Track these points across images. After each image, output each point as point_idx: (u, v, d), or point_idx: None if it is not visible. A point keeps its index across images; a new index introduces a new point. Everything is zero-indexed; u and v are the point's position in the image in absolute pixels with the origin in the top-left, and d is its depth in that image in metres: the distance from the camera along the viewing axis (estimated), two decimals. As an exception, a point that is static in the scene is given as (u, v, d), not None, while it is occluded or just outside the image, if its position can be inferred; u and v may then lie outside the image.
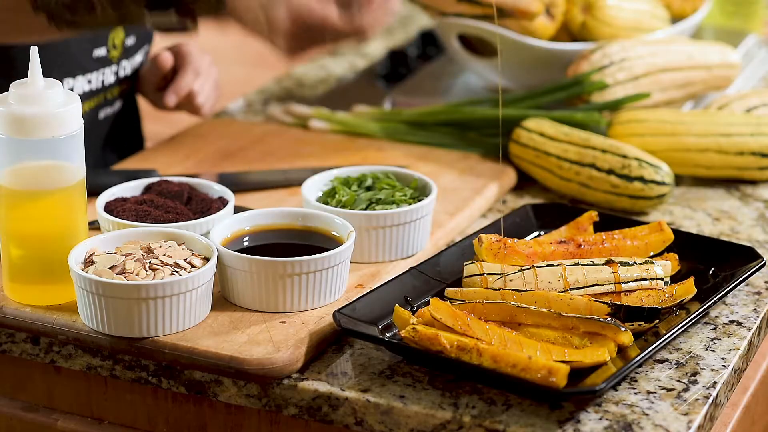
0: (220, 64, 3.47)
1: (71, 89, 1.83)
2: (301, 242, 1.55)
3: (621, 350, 1.41)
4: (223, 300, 1.50)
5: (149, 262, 1.44)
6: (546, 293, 1.45)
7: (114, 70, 1.90)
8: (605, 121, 1.90)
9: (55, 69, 1.81)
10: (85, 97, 1.87)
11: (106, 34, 1.85)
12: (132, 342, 1.43)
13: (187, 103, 1.95)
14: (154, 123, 2.09)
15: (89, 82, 1.86)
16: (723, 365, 1.43)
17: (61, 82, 1.77)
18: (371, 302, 1.47)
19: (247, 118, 2.12)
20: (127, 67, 1.93)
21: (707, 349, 1.46)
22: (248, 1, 1.54)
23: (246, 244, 1.54)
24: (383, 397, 1.37)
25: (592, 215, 1.65)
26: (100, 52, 1.86)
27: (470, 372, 1.38)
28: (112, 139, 1.99)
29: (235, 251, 1.47)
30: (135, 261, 1.43)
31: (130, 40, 1.91)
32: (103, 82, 1.89)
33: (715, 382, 1.40)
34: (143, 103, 2.07)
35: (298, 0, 1.54)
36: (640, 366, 1.42)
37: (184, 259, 1.45)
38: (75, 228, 1.49)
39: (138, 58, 1.95)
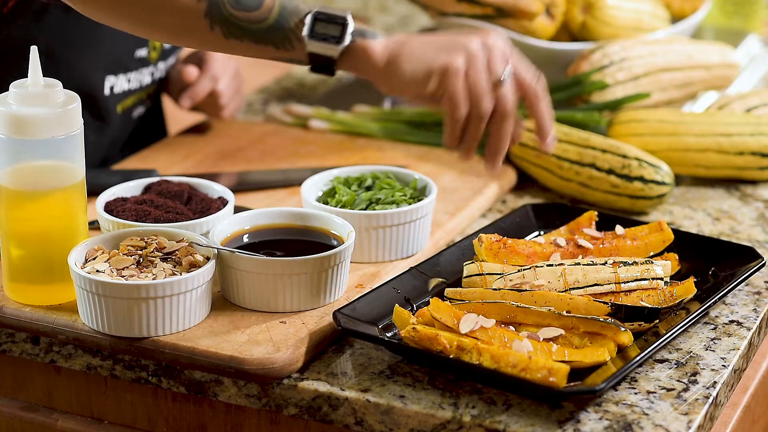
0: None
1: (111, 87, 1.85)
2: (301, 242, 1.55)
3: (621, 350, 1.41)
4: (223, 300, 1.50)
5: (149, 258, 1.44)
6: (546, 293, 1.45)
7: (151, 70, 1.92)
8: (605, 121, 1.90)
9: (100, 67, 1.83)
10: (123, 95, 1.89)
11: None
12: (132, 342, 1.43)
13: (210, 105, 1.99)
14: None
15: (129, 81, 1.88)
16: (723, 365, 1.43)
17: (103, 79, 1.79)
18: (371, 302, 1.47)
19: (247, 118, 2.12)
20: (162, 68, 1.95)
21: (707, 349, 1.46)
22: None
23: (246, 243, 1.54)
24: (383, 397, 1.37)
25: (592, 215, 1.65)
26: (141, 52, 1.87)
27: (470, 372, 1.38)
28: (140, 137, 2.01)
29: (236, 251, 1.47)
30: (134, 257, 1.44)
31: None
32: (140, 81, 1.90)
33: (715, 382, 1.40)
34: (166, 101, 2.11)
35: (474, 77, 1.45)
36: (640, 366, 1.42)
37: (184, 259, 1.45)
38: (75, 228, 1.49)
39: (171, 60, 1.98)
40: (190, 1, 1.46)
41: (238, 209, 1.66)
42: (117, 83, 1.86)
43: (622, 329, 1.40)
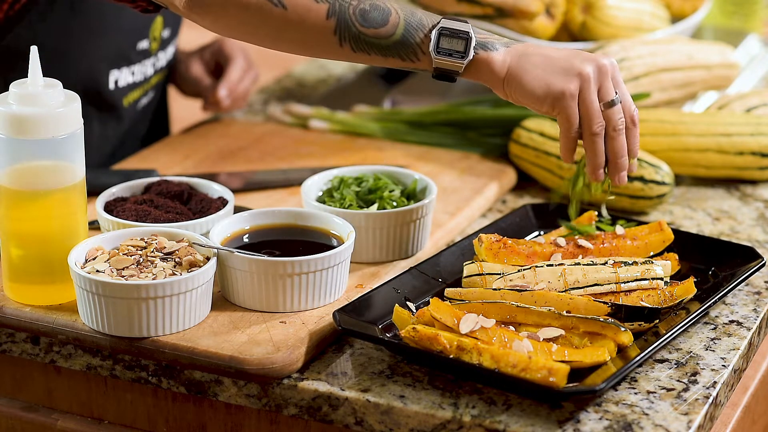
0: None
1: (116, 81, 1.86)
2: (301, 242, 1.55)
3: (621, 350, 1.41)
4: (223, 300, 1.50)
5: (149, 258, 1.44)
6: (546, 293, 1.45)
7: (153, 61, 1.92)
8: (605, 121, 1.90)
9: (104, 61, 1.84)
10: (129, 88, 1.90)
11: (148, 25, 1.87)
12: (132, 342, 1.43)
13: (237, 99, 2.01)
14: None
15: (132, 74, 1.89)
16: (723, 365, 1.43)
17: (108, 73, 1.81)
18: (371, 302, 1.47)
19: (247, 118, 2.12)
20: (162, 58, 1.95)
21: (707, 349, 1.46)
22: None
23: (246, 243, 1.54)
24: (383, 397, 1.37)
25: (592, 215, 1.64)
26: (143, 44, 1.88)
27: (470, 372, 1.38)
28: (143, 127, 2.01)
29: (235, 251, 1.47)
30: (134, 257, 1.44)
31: (166, 33, 1.93)
32: (144, 74, 1.91)
33: (715, 382, 1.40)
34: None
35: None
36: (640, 366, 1.42)
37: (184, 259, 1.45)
38: (75, 228, 1.49)
39: (171, 49, 1.98)
40: (319, 20, 1.49)
41: (238, 209, 1.66)
42: (121, 77, 1.87)
43: (622, 329, 1.40)
